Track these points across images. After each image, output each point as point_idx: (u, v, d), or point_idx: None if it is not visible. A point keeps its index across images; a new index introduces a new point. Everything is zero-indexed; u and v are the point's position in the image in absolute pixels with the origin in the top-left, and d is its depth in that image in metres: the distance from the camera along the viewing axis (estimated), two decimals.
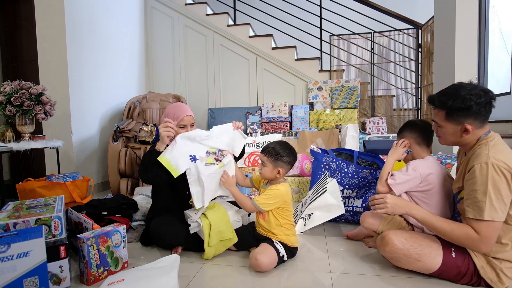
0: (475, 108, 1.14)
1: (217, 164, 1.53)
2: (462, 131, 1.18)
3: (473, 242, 1.12)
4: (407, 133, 1.49)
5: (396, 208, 1.26)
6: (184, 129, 1.63)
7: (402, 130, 1.52)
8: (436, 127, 1.28)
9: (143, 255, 1.57)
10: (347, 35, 3.97)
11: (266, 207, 1.41)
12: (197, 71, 4.04)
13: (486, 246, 1.11)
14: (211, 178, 1.48)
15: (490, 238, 1.09)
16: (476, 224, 1.10)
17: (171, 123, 1.51)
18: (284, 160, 1.42)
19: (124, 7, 3.60)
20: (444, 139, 1.27)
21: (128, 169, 2.74)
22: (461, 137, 1.20)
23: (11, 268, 1.04)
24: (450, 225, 1.17)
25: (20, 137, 2.24)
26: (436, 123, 1.26)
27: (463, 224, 1.15)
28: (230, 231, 1.50)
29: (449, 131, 1.22)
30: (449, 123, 1.20)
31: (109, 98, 3.30)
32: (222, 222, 1.49)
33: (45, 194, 1.93)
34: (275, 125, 3.61)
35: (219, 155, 1.55)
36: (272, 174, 1.43)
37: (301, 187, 2.56)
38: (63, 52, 2.71)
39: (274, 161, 1.42)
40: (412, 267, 1.25)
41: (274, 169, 1.43)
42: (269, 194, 1.42)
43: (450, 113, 1.18)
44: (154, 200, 1.71)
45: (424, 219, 1.22)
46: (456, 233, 1.15)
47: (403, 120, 3.81)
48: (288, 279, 1.31)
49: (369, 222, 1.45)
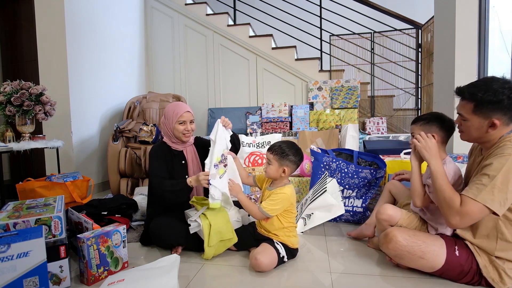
0: (506, 103, 1.09)
1: (226, 168, 1.55)
2: (488, 126, 1.13)
3: (450, 211, 1.11)
4: (435, 128, 1.33)
5: (424, 151, 1.24)
6: (184, 125, 1.66)
7: (430, 122, 1.35)
8: (460, 121, 1.22)
9: (143, 255, 1.57)
10: (347, 35, 3.97)
11: (273, 213, 1.40)
12: (197, 71, 4.04)
13: (458, 221, 1.10)
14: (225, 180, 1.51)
15: (468, 216, 1.08)
16: (463, 198, 1.09)
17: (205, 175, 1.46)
18: (290, 159, 1.41)
19: (124, 7, 3.60)
20: (467, 134, 1.21)
21: (128, 169, 2.74)
22: (486, 132, 1.15)
23: (11, 268, 1.04)
24: (449, 188, 1.15)
25: (20, 137, 2.24)
26: (461, 116, 1.20)
27: (457, 194, 1.13)
28: (230, 231, 1.50)
29: (474, 125, 1.16)
30: (476, 116, 1.15)
31: (109, 98, 3.30)
32: (222, 222, 1.48)
33: (45, 194, 1.93)
34: (275, 125, 3.61)
35: (224, 159, 1.55)
36: (277, 173, 1.43)
37: (301, 187, 2.55)
38: (63, 52, 2.72)
39: (280, 159, 1.41)
40: (415, 265, 1.24)
41: (280, 168, 1.42)
42: (276, 199, 1.40)
43: (479, 105, 1.13)
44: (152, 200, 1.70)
45: (438, 170, 1.19)
46: (447, 195, 1.13)
47: (403, 120, 3.81)
48: (288, 279, 1.31)
49: (389, 214, 1.35)
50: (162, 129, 1.75)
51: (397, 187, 1.71)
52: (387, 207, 1.38)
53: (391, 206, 1.40)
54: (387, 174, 2.12)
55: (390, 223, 1.36)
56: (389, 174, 2.15)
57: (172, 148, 1.71)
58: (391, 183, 1.73)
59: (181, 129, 1.67)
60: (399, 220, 1.35)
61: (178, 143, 1.72)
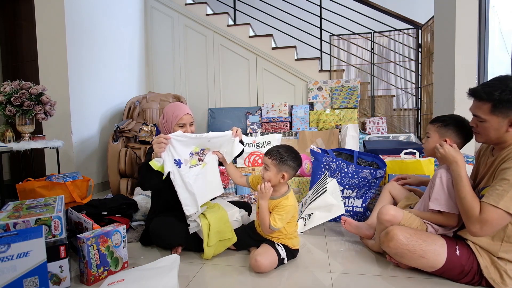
0: None
1: (200, 164, 1.53)
2: (508, 125, 1.11)
3: (470, 218, 1.10)
4: (451, 133, 1.32)
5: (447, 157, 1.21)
6: (183, 128, 1.60)
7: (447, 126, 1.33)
8: (476, 122, 1.19)
9: (143, 255, 1.57)
10: (347, 35, 3.96)
11: (282, 226, 1.38)
12: (197, 71, 4.04)
13: (478, 229, 1.09)
14: (200, 179, 1.49)
15: (488, 224, 1.07)
16: (485, 206, 1.07)
17: (164, 139, 1.42)
18: (290, 164, 1.36)
19: (124, 7, 3.60)
20: (484, 135, 1.18)
21: (128, 169, 2.74)
22: (506, 131, 1.12)
23: (11, 268, 1.04)
24: (470, 195, 1.12)
25: (20, 137, 2.24)
26: (478, 117, 1.17)
27: (477, 202, 1.11)
28: (229, 231, 1.50)
29: (493, 125, 1.13)
30: (495, 116, 1.12)
31: (109, 98, 3.30)
32: (221, 222, 1.48)
33: (45, 194, 1.93)
34: (275, 125, 3.61)
35: (201, 154, 1.53)
36: (276, 178, 1.37)
37: (301, 187, 2.55)
38: (63, 52, 2.71)
39: (279, 164, 1.36)
40: (416, 264, 1.23)
41: (278, 173, 1.37)
42: (282, 213, 1.36)
43: (497, 105, 1.10)
44: (155, 201, 1.71)
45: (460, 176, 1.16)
46: (467, 202, 1.11)
47: (403, 120, 3.81)
48: (288, 279, 1.31)
49: (391, 214, 1.32)
50: (161, 130, 1.73)
51: (396, 188, 1.70)
52: (389, 207, 1.36)
53: (393, 206, 1.39)
54: (387, 174, 2.12)
55: (393, 224, 1.34)
56: (389, 174, 2.15)
57: None
58: (390, 184, 1.73)
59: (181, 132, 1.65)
60: (402, 220, 1.33)
61: None
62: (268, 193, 1.36)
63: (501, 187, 1.06)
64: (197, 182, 1.49)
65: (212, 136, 1.54)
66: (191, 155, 1.49)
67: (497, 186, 1.07)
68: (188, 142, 1.48)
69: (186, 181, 1.43)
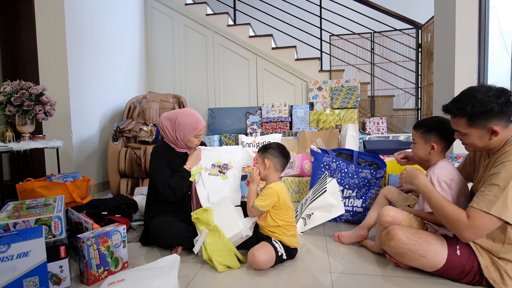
0: (497, 109, 1.09)
1: (220, 175, 1.72)
2: (490, 133, 1.13)
3: (459, 226, 1.10)
4: (435, 138, 1.34)
5: (407, 179, 1.31)
6: (198, 138, 1.71)
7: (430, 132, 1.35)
8: (460, 136, 1.22)
9: (143, 255, 1.57)
10: (347, 35, 3.97)
11: (263, 208, 1.42)
12: (197, 71, 4.04)
13: (470, 234, 1.09)
14: (213, 181, 1.70)
15: (479, 229, 1.07)
16: (474, 212, 1.08)
17: None
18: (270, 151, 1.49)
19: (124, 7, 3.60)
20: (471, 146, 1.21)
21: (128, 169, 2.74)
22: (489, 139, 1.14)
23: (11, 268, 1.04)
24: (446, 203, 1.15)
25: (20, 137, 2.24)
26: (459, 132, 1.20)
27: (458, 208, 1.13)
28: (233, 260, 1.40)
29: (475, 137, 1.16)
30: (474, 129, 1.15)
31: (109, 98, 3.30)
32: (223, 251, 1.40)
33: (45, 194, 1.93)
34: (275, 125, 3.61)
35: (223, 168, 1.74)
36: (262, 167, 1.50)
37: (301, 187, 2.55)
38: (63, 52, 2.71)
39: (262, 154, 1.51)
40: (416, 263, 1.23)
41: (263, 163, 1.49)
42: (264, 194, 1.44)
43: (472, 119, 1.13)
44: (153, 200, 1.69)
45: (426, 187, 1.22)
46: (449, 212, 1.13)
47: (403, 120, 3.81)
48: (288, 279, 1.31)
49: (392, 216, 1.32)
50: (168, 136, 1.67)
51: (392, 191, 1.70)
52: (390, 208, 1.36)
53: (393, 207, 1.38)
54: (387, 174, 2.12)
55: (396, 223, 1.34)
56: (389, 174, 2.15)
57: (176, 150, 1.71)
58: (386, 189, 1.73)
59: (196, 141, 1.70)
60: (401, 222, 1.34)
61: (185, 148, 1.72)
62: (256, 178, 1.51)
63: (491, 193, 1.06)
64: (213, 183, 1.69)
65: (225, 149, 1.81)
66: (212, 166, 1.74)
67: (487, 191, 1.08)
68: (210, 154, 1.77)
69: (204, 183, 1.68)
